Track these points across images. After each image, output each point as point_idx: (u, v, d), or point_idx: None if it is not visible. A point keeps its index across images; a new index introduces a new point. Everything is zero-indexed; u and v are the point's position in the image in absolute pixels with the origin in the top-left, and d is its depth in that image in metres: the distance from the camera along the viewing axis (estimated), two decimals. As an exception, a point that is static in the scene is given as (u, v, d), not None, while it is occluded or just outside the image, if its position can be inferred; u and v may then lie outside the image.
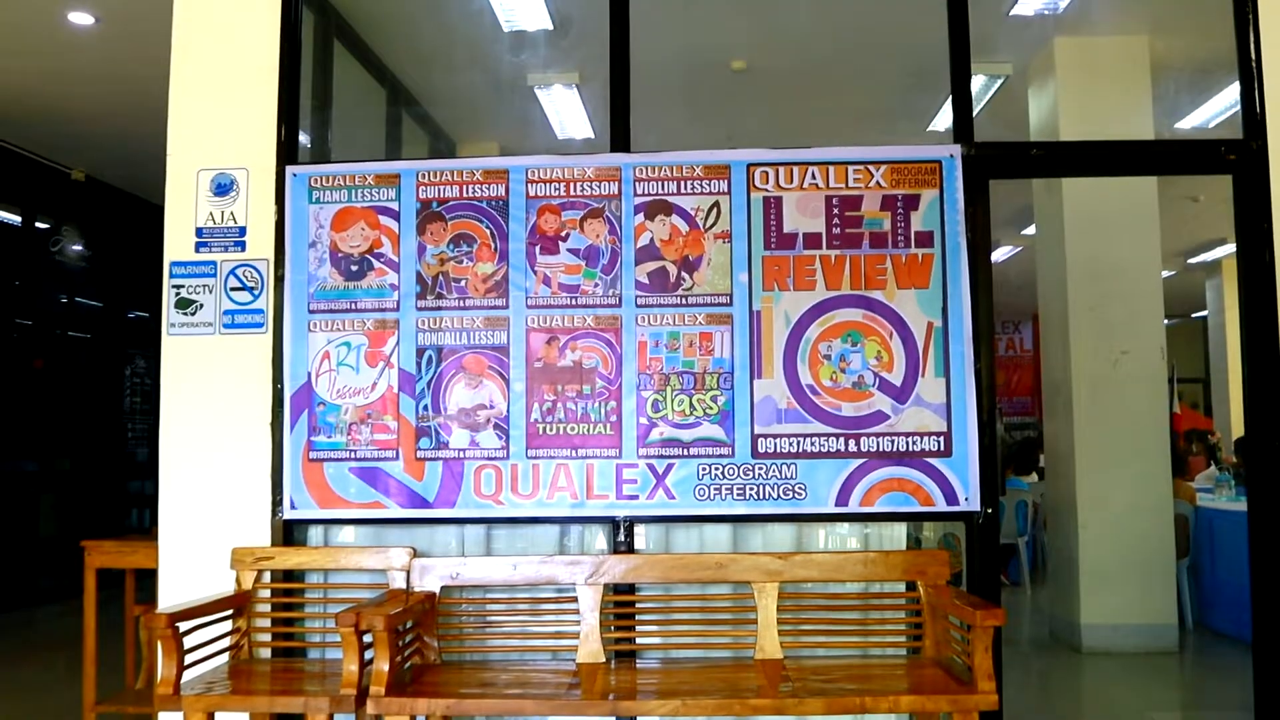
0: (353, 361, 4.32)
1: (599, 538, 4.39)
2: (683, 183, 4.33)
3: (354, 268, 4.36)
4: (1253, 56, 4.48)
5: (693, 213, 4.32)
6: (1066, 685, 5.97)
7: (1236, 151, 4.48)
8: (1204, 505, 7.52)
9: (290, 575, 4.28)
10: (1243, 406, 4.61)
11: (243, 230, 4.37)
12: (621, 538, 4.26)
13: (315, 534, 4.41)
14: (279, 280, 4.35)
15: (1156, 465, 6.73)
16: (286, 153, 4.43)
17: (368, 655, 3.56)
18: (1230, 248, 11.15)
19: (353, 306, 4.34)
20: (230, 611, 4.04)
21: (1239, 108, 4.58)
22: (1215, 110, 7.38)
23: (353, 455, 4.29)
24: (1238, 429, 11.92)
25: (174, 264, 4.38)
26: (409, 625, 3.91)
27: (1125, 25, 6.55)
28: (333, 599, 4.26)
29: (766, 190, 4.33)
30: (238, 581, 4.14)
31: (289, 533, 4.31)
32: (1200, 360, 16.31)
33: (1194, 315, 17.00)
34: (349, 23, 5.37)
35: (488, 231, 4.35)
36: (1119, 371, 6.65)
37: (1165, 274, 8.64)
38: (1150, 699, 5.65)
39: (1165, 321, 6.97)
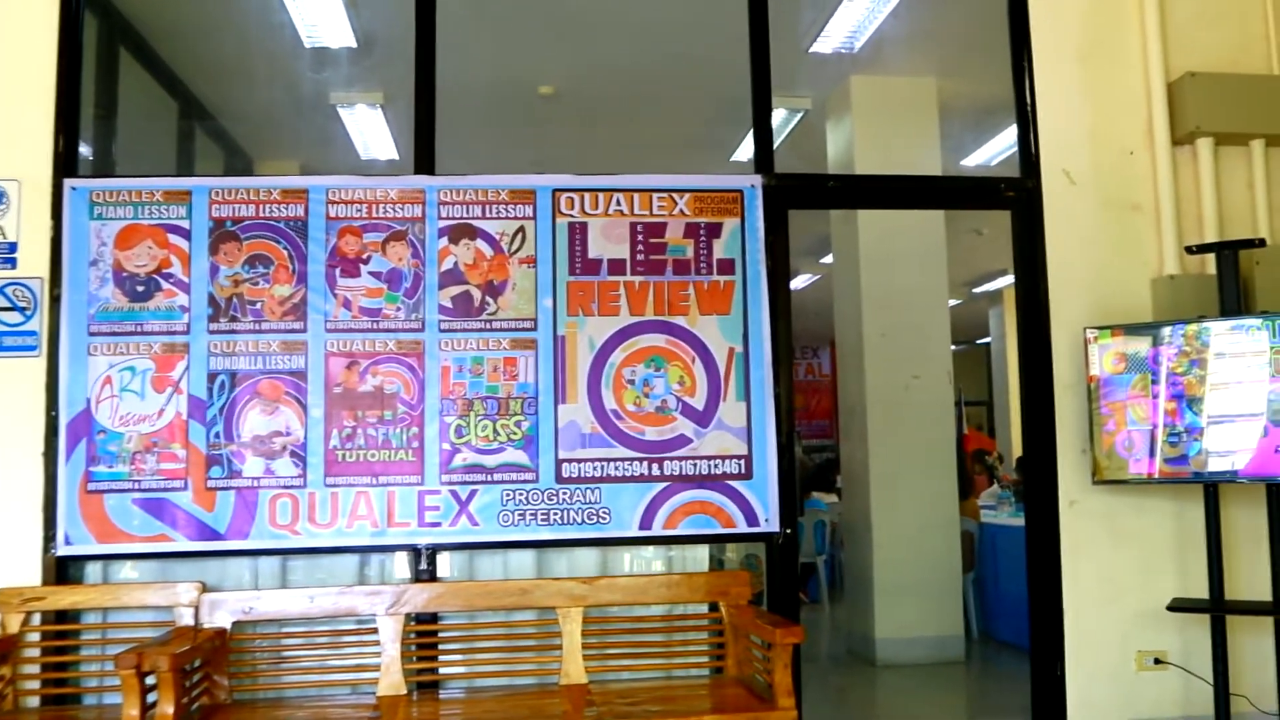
0: (137, 387, 4.10)
1: (401, 566, 4.29)
2: (488, 206, 4.30)
3: (140, 288, 4.14)
4: (1028, 101, 4.80)
5: (497, 237, 4.29)
6: (862, 698, 6.16)
7: (1015, 189, 4.79)
8: (987, 521, 7.92)
9: (64, 616, 4.00)
10: (1021, 428, 4.89)
11: (13, 246, 4.08)
12: (424, 566, 4.17)
13: (93, 571, 4.13)
14: (55, 300, 4.09)
15: (945, 484, 7.04)
16: (65, 164, 4.18)
17: (151, 698, 3.36)
18: (1010, 279, 11.83)
19: (138, 329, 4.12)
20: (-6, 657, 3.75)
21: (1017, 148, 4.89)
22: (996, 150, 7.85)
23: (136, 486, 4.05)
24: (1019, 449, 12.63)
25: (-66, 281, 4.05)
26: (197, 664, 3.71)
27: (915, 67, 6.88)
28: (113, 639, 3.99)
29: (572, 216, 4.34)
30: (2, 625, 3.84)
31: (63, 570, 4.02)
32: (984, 384, 17.18)
33: (979, 341, 17.94)
34: (136, 29, 5.10)
35: (285, 253, 4.21)
36: (910, 395, 6.93)
37: (952, 303, 9.10)
38: (939, 707, 5.90)
39: (952, 347, 7.31)
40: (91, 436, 4.05)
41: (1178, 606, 4.33)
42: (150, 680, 3.34)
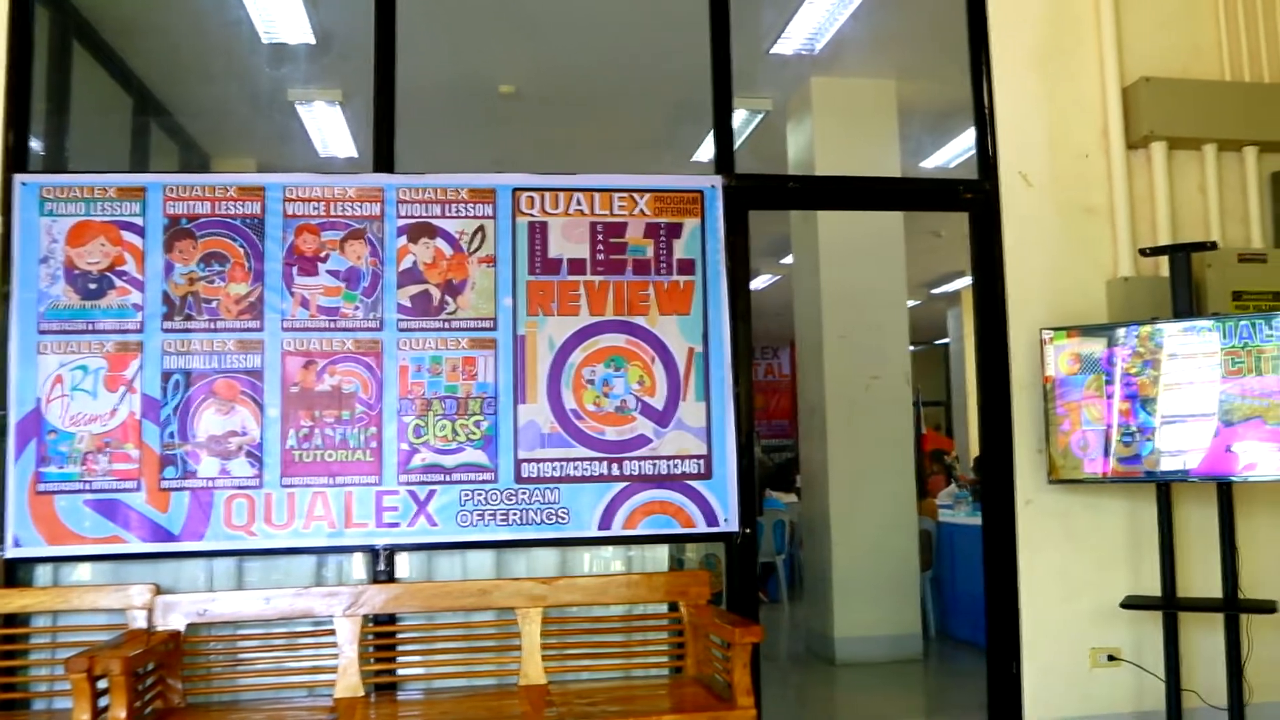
0: (89, 386, 4.03)
1: (359, 567, 4.25)
2: (447, 205, 4.28)
3: (92, 286, 4.07)
4: (986, 105, 4.85)
5: (457, 236, 4.27)
6: (821, 696, 6.19)
7: (972, 191, 4.83)
8: (945, 521, 7.98)
9: (13, 620, 3.92)
10: (978, 427, 4.93)
11: (-39, 243, 4.02)
12: (382, 567, 4.14)
13: (43, 573, 4.06)
14: (4, 298, 4.02)
15: (903, 484, 7.10)
16: (14, 159, 4.11)
17: (103, 703, 3.31)
18: (968, 280, 11.93)
19: (90, 327, 4.06)
20: (-59, 661, 3.68)
21: (975, 151, 4.93)
22: (954, 152, 7.91)
23: (88, 486, 3.99)
24: (976, 449, 12.71)
25: (-121, 278, 3.97)
26: (150, 667, 3.67)
27: (875, 69, 6.91)
28: (63, 643, 3.92)
29: (532, 215, 4.33)
30: (-50, 628, 3.77)
31: (11, 573, 3.95)
32: (942, 384, 17.31)
33: (937, 342, 18.08)
34: (90, 23, 5.03)
35: (242, 251, 4.16)
36: (869, 395, 6.97)
37: (911, 303, 9.17)
38: (898, 705, 5.94)
39: (911, 348, 7.36)
40: (41, 436, 3.99)
41: (1131, 604, 4.39)
42: (102, 684, 3.29)
